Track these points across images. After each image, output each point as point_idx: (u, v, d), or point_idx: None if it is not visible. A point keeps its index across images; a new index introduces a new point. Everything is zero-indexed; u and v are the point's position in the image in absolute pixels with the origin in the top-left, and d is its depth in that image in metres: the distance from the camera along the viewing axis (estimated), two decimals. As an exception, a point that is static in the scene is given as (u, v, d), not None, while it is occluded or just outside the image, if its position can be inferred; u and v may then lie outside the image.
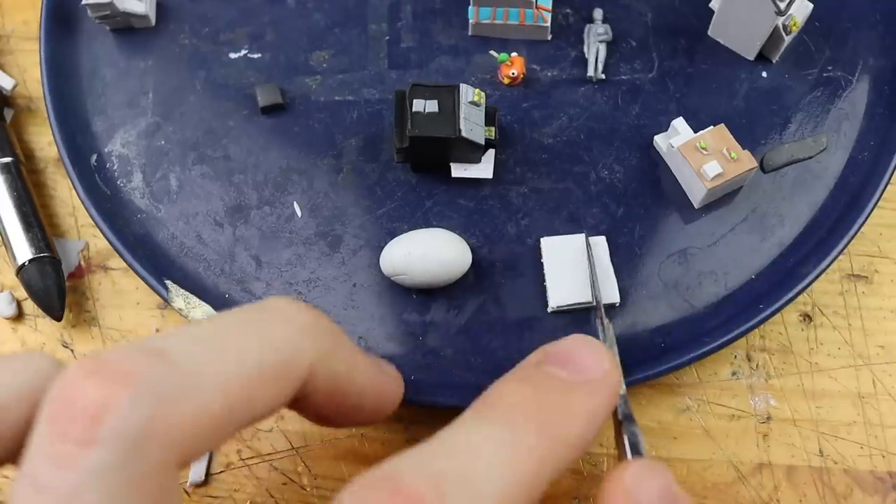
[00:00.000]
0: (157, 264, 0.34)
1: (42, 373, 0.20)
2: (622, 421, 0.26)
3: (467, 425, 0.21)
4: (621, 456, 0.25)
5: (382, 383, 0.26)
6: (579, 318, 0.33)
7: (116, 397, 0.17)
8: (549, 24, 0.37)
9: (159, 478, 0.18)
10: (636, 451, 0.25)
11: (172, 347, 0.19)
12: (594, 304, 0.32)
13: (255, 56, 0.38)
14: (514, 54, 0.36)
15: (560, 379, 0.22)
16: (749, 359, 0.34)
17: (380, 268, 0.33)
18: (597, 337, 0.29)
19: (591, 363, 0.23)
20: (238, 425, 0.20)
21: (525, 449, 0.20)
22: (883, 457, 0.32)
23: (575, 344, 0.23)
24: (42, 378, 0.19)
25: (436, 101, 0.32)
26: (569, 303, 0.33)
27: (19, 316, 0.36)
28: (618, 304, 0.33)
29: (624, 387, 0.27)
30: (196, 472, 0.32)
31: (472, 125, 0.33)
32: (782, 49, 0.36)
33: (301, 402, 0.23)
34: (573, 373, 0.22)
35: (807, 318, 0.34)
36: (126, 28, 0.38)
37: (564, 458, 0.21)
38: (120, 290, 0.36)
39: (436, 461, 0.19)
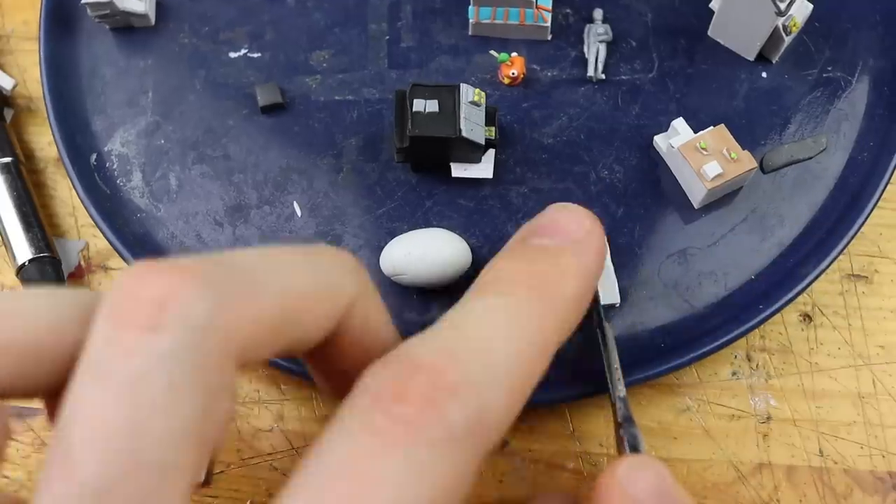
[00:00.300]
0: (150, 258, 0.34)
1: (83, 305, 0.19)
2: (622, 423, 0.26)
3: (470, 303, 0.21)
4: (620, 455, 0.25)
5: None
6: (579, 318, 0.33)
7: (182, 287, 0.17)
8: (549, 24, 0.37)
9: (220, 372, 0.18)
10: (635, 451, 0.25)
11: (234, 257, 0.20)
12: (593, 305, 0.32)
13: (255, 55, 0.38)
14: (514, 54, 0.36)
15: (546, 247, 0.23)
16: (749, 359, 0.34)
17: (380, 267, 0.33)
18: (598, 339, 0.29)
19: (574, 226, 0.24)
20: (288, 341, 0.20)
21: (528, 314, 0.21)
22: (883, 457, 0.32)
23: (554, 213, 0.24)
24: (84, 311, 0.19)
25: (436, 101, 0.32)
26: (569, 303, 0.33)
27: (18, 315, 0.36)
28: (618, 305, 0.33)
29: (623, 389, 0.27)
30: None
31: (473, 125, 0.33)
32: (782, 49, 0.36)
33: (327, 348, 0.23)
34: (558, 239, 0.23)
35: (807, 318, 0.34)
36: (126, 27, 0.38)
37: (566, 318, 0.22)
38: (111, 284, 0.36)
39: (446, 336, 0.20)
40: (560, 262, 0.23)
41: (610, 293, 0.33)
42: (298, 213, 0.35)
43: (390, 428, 0.18)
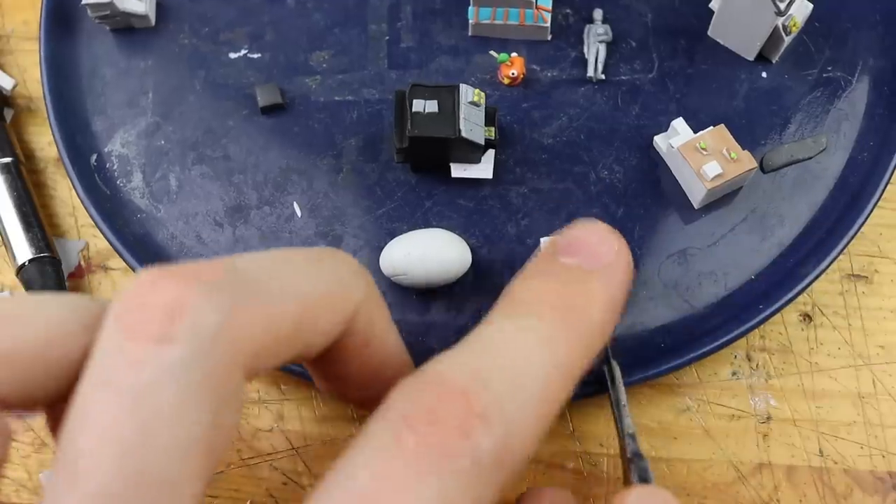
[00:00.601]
0: (158, 265, 0.34)
1: (89, 313, 0.19)
2: (631, 458, 0.25)
3: (497, 322, 0.21)
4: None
5: (405, 363, 0.26)
6: (579, 319, 0.33)
7: (193, 296, 0.17)
8: (548, 24, 0.37)
9: (230, 383, 0.18)
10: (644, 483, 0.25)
11: (244, 263, 0.20)
12: None
13: (255, 56, 0.38)
14: (513, 54, 0.36)
15: (575, 269, 0.23)
16: (749, 359, 0.34)
17: (380, 268, 0.33)
18: (605, 374, 0.29)
19: (602, 248, 0.23)
20: (299, 347, 0.20)
21: (557, 339, 0.21)
22: (883, 457, 0.32)
23: (581, 232, 0.24)
24: (89, 319, 0.19)
25: (436, 102, 0.32)
26: (569, 303, 0.33)
27: (19, 316, 0.36)
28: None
29: (632, 425, 0.27)
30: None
31: (472, 125, 0.33)
32: (782, 49, 0.36)
33: (330, 352, 0.23)
34: (586, 261, 0.23)
35: (807, 318, 0.34)
36: (126, 28, 0.38)
37: (591, 343, 0.22)
38: (120, 291, 0.36)
39: (474, 358, 0.20)
40: (589, 287, 0.23)
41: None
42: (298, 213, 0.35)
43: (421, 451, 0.17)
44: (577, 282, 0.23)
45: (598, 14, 0.37)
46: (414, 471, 0.17)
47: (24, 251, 0.34)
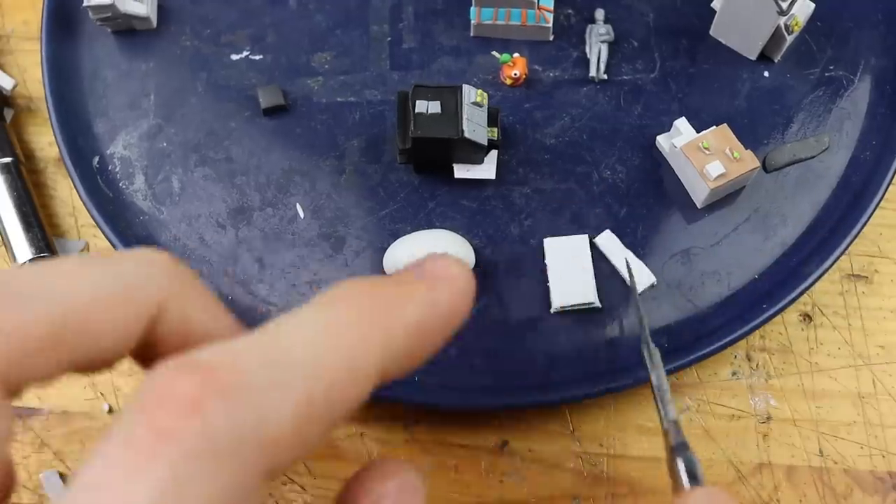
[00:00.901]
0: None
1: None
2: (675, 447, 0.24)
3: (295, 310, 0.19)
4: (677, 487, 0.24)
5: None
6: (583, 318, 0.33)
7: None
8: (550, 24, 0.37)
9: None
10: (693, 478, 0.24)
11: (7, 274, 0.19)
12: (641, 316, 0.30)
13: (257, 57, 0.37)
14: (515, 55, 0.36)
15: (402, 277, 0.22)
16: (749, 359, 0.34)
17: (383, 269, 0.33)
18: (643, 358, 0.29)
19: (439, 267, 0.22)
20: (76, 354, 0.19)
21: (350, 327, 0.19)
22: (883, 457, 0.32)
23: (429, 259, 0.23)
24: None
25: (438, 102, 0.32)
26: (572, 303, 0.33)
27: (22, 317, 0.36)
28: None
29: (675, 411, 0.26)
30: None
31: (475, 126, 0.33)
32: (784, 49, 0.36)
33: (148, 350, 0.21)
34: (418, 272, 0.22)
35: (807, 318, 0.34)
36: (127, 30, 0.38)
37: (397, 342, 0.20)
38: None
39: (242, 341, 0.18)
40: (409, 289, 0.21)
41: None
42: (301, 214, 0.35)
43: (146, 439, 0.16)
44: (400, 283, 0.21)
45: (599, 14, 0.37)
46: (143, 456, 0.16)
47: (24, 251, 0.35)
